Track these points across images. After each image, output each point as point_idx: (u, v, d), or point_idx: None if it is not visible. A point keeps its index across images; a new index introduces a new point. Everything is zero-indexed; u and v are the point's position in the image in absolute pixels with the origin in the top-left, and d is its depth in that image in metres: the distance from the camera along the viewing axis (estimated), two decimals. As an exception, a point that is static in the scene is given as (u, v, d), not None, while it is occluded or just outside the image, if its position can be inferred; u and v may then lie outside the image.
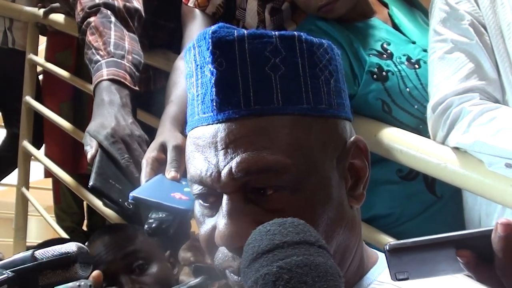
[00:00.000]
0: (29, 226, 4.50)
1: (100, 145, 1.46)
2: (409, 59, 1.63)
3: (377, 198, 1.60)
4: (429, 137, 1.48)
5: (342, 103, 0.89)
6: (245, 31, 0.84)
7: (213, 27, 0.84)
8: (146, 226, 1.19)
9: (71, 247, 1.00)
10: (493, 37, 1.45)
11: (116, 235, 1.79)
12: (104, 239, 1.78)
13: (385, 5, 1.82)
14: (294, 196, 0.81)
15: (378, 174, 1.56)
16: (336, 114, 0.87)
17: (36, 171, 3.38)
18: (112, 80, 1.62)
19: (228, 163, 0.80)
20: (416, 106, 1.58)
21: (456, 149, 1.40)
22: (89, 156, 1.46)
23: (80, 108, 2.92)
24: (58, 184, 3.11)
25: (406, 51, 1.65)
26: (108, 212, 2.27)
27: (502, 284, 0.72)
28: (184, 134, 1.40)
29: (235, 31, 0.84)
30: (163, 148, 1.35)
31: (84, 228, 3.24)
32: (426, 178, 1.59)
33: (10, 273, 0.95)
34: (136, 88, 1.68)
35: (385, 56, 1.61)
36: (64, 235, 2.88)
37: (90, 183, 1.34)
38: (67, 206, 3.14)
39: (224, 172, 0.80)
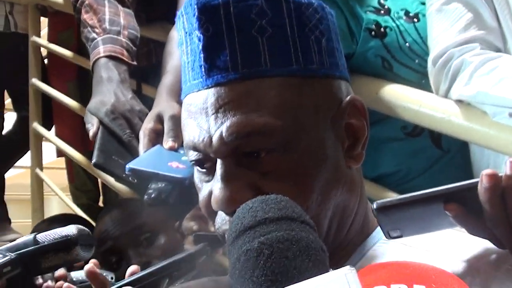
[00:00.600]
0: (50, 206, 4.55)
1: (101, 122, 1.48)
2: (407, 13, 1.60)
3: (383, 156, 1.59)
4: (431, 92, 1.46)
5: (336, 62, 0.88)
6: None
7: None
8: (145, 196, 1.20)
9: (72, 229, 1.01)
10: (491, -16, 1.42)
11: (122, 210, 1.80)
12: (110, 216, 1.81)
13: (381, -41, 1.78)
14: (285, 157, 0.81)
15: (382, 132, 1.55)
16: (328, 73, 0.86)
17: (50, 152, 3.41)
18: (110, 57, 1.62)
19: (218, 127, 0.81)
20: (417, 61, 1.55)
21: (459, 101, 1.38)
22: (91, 133, 1.47)
23: (86, 86, 2.91)
24: (71, 163, 3.13)
25: (404, 5, 1.62)
26: (121, 187, 2.28)
27: (495, 235, 0.72)
28: (180, 104, 1.40)
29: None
30: (160, 118, 1.35)
31: (100, 204, 3.27)
32: (431, 133, 1.57)
33: (13, 255, 0.97)
34: (134, 62, 1.68)
35: (382, 12, 1.59)
36: (81, 213, 2.90)
37: (93, 161, 1.36)
38: (81, 184, 3.16)
39: (215, 137, 0.81)
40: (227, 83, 0.82)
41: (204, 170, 0.87)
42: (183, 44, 0.88)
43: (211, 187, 0.84)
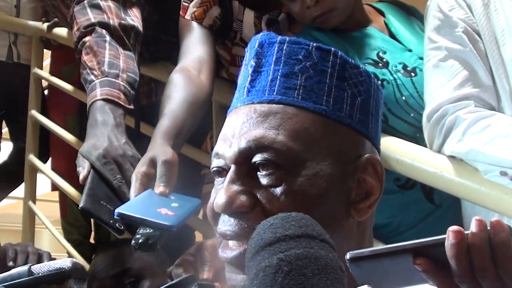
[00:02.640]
0: (41, 238, 4.53)
1: (92, 166, 1.46)
2: (405, 67, 1.63)
3: (376, 208, 1.59)
4: (426, 145, 1.48)
5: (367, 123, 0.97)
6: (288, 37, 0.97)
7: (263, 32, 1.00)
8: (133, 241, 1.20)
9: (66, 262, 1.02)
10: (487, 43, 1.44)
11: (111, 253, 1.81)
12: (100, 257, 1.82)
13: (382, 14, 1.82)
14: (289, 178, 0.89)
15: (375, 183, 1.56)
16: (354, 126, 0.95)
17: (44, 184, 3.40)
18: (106, 100, 1.62)
19: (240, 137, 0.91)
20: (412, 115, 1.57)
21: (452, 157, 1.39)
22: (81, 177, 1.46)
23: (85, 121, 2.92)
24: (64, 198, 3.11)
25: (402, 59, 1.65)
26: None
27: None
28: (175, 149, 1.40)
29: (280, 36, 0.98)
30: (152, 163, 1.35)
31: (92, 241, 3.25)
32: (424, 186, 1.58)
33: (6, 285, 0.97)
34: (131, 106, 1.67)
35: (380, 64, 1.61)
36: (71, 249, 2.89)
37: (80, 205, 1.35)
38: (74, 219, 3.14)
39: (234, 145, 0.91)
40: (259, 103, 0.93)
41: (220, 179, 0.95)
42: (240, 72, 1.01)
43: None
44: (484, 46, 1.45)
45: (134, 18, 1.90)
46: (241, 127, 0.92)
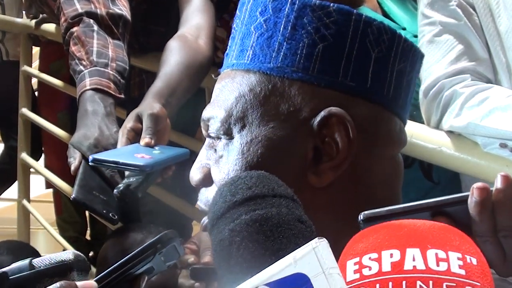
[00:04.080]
0: (36, 240, 4.50)
1: (83, 156, 1.45)
2: (399, 45, 1.61)
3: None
4: (423, 123, 1.46)
5: (334, 70, 0.82)
6: None
7: None
8: (115, 191, 1.20)
9: (68, 255, 1.00)
10: (482, 16, 1.43)
11: (125, 239, 1.79)
12: (112, 242, 1.80)
13: (374, -7, 1.80)
14: (228, 148, 0.83)
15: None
16: (307, 79, 0.82)
17: (37, 186, 3.38)
18: (96, 90, 1.60)
19: None
20: (408, 92, 1.56)
21: (450, 132, 1.38)
22: (72, 168, 1.45)
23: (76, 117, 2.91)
24: (59, 195, 3.11)
25: (396, 38, 1.63)
26: (109, 220, 2.27)
27: (483, 251, 0.70)
28: (167, 107, 1.39)
29: None
30: (139, 118, 1.35)
31: (87, 237, 3.23)
32: (422, 164, 1.58)
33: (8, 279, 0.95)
34: (121, 95, 1.66)
35: (374, 43, 1.59)
36: (68, 245, 2.87)
37: (72, 195, 1.33)
38: (69, 216, 3.13)
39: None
40: (225, 72, 0.88)
41: None
42: None
43: None
44: (479, 19, 1.43)
45: (122, 7, 1.88)
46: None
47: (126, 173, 1.29)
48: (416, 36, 1.60)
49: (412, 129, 1.43)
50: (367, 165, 0.83)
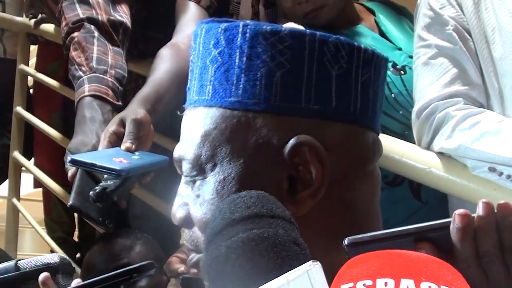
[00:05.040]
0: (23, 239, 4.49)
1: None
2: (394, 65, 1.64)
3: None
4: (414, 143, 1.48)
5: (296, 95, 0.80)
6: (204, 25, 0.85)
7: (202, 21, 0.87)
8: (91, 193, 1.21)
9: (54, 258, 1.01)
10: (477, 42, 1.45)
11: (113, 245, 1.79)
12: (100, 248, 1.80)
13: (372, 13, 1.83)
14: (203, 187, 0.82)
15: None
16: (271, 110, 0.80)
17: (29, 184, 3.37)
18: (94, 96, 1.62)
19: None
20: (401, 112, 1.58)
21: (440, 154, 1.39)
22: (69, 174, 1.44)
23: (70, 118, 2.90)
24: (48, 195, 3.10)
25: (392, 58, 1.65)
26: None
27: (466, 277, 0.71)
28: (152, 114, 1.40)
29: (200, 24, 0.86)
30: (122, 122, 1.36)
31: (75, 239, 3.23)
32: (411, 183, 1.59)
33: None
34: (119, 103, 1.67)
35: (370, 62, 1.61)
36: (55, 246, 2.87)
37: (69, 203, 1.34)
38: (57, 216, 3.13)
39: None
40: (189, 109, 0.86)
41: None
42: None
43: None
44: (474, 45, 1.45)
45: (122, 14, 1.90)
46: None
47: (105, 176, 1.30)
48: (411, 57, 1.62)
49: (403, 148, 1.45)
50: (344, 185, 0.83)
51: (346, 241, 0.69)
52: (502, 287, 0.71)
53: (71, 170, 1.44)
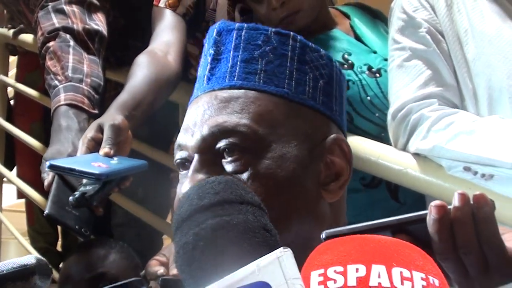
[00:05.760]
0: (7, 250, 4.46)
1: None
2: (370, 68, 1.65)
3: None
4: (391, 145, 1.49)
5: (330, 105, 0.96)
6: (246, 24, 0.97)
7: (221, 21, 0.99)
8: (70, 198, 1.21)
9: (30, 259, 1.01)
10: (451, 43, 1.46)
11: (87, 255, 1.79)
12: (75, 259, 1.80)
13: (347, 17, 1.84)
14: (254, 162, 0.86)
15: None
16: (317, 108, 0.94)
17: (13, 195, 3.36)
18: (70, 105, 1.62)
19: (202, 124, 0.89)
20: (377, 114, 1.59)
21: (416, 154, 1.41)
22: (45, 183, 1.44)
23: (50, 127, 2.90)
24: (31, 205, 3.09)
25: (367, 61, 1.67)
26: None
27: (443, 269, 0.71)
28: (130, 120, 1.40)
29: (237, 23, 0.97)
30: (100, 128, 1.36)
31: (58, 248, 3.22)
32: (389, 185, 1.60)
33: None
34: (95, 111, 1.66)
35: (346, 66, 1.63)
36: (38, 256, 2.85)
37: (46, 212, 1.34)
38: (40, 227, 3.11)
39: (196, 133, 0.89)
40: (220, 90, 0.91)
41: (184, 172, 0.91)
42: (200, 64, 1.00)
43: None
44: (448, 46, 1.46)
45: (98, 22, 1.90)
46: (203, 114, 0.90)
47: (84, 181, 1.30)
48: (386, 60, 1.64)
49: (379, 150, 1.47)
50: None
51: (324, 234, 0.71)
52: (480, 278, 0.72)
53: (47, 179, 1.44)
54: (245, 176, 0.85)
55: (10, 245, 4.68)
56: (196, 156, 0.88)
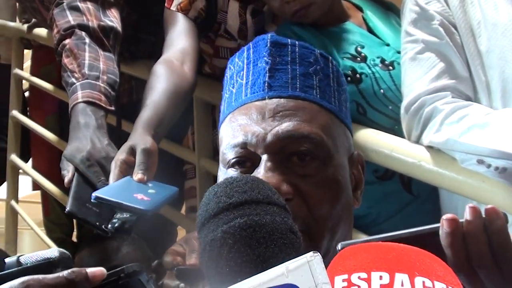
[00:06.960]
0: (23, 240, 4.50)
1: (76, 169, 1.48)
2: (383, 61, 1.65)
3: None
4: (404, 137, 1.50)
5: (349, 120, 1.10)
6: (296, 41, 1.06)
7: (270, 33, 1.10)
8: (109, 225, 1.23)
9: (53, 252, 1.02)
10: (463, 36, 1.46)
11: (98, 248, 1.80)
12: (88, 252, 1.81)
13: (360, 9, 1.84)
14: (324, 168, 0.94)
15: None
16: (349, 126, 1.08)
17: (25, 186, 3.39)
18: (87, 102, 1.63)
19: (275, 127, 0.95)
20: (390, 107, 1.59)
21: (430, 147, 1.41)
22: (66, 180, 1.47)
23: (65, 120, 2.91)
24: (47, 196, 3.11)
25: (380, 53, 1.67)
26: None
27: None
28: (156, 139, 1.42)
29: (288, 39, 1.06)
30: (132, 151, 1.36)
31: (74, 239, 3.24)
32: (402, 177, 1.60)
33: None
34: (112, 108, 1.68)
35: (359, 59, 1.63)
36: (54, 246, 2.88)
37: (67, 209, 1.36)
38: (56, 217, 3.14)
39: (271, 134, 0.94)
40: (285, 97, 0.98)
41: (242, 169, 0.95)
42: (242, 70, 1.05)
43: None
44: (460, 38, 1.47)
45: (113, 18, 1.91)
46: (274, 117, 0.95)
47: None
48: (399, 52, 1.64)
49: (393, 143, 1.47)
50: None
51: (339, 246, 0.71)
52: None
53: (67, 176, 1.46)
54: (315, 180, 0.93)
55: (25, 235, 4.73)
56: (265, 157, 0.93)
